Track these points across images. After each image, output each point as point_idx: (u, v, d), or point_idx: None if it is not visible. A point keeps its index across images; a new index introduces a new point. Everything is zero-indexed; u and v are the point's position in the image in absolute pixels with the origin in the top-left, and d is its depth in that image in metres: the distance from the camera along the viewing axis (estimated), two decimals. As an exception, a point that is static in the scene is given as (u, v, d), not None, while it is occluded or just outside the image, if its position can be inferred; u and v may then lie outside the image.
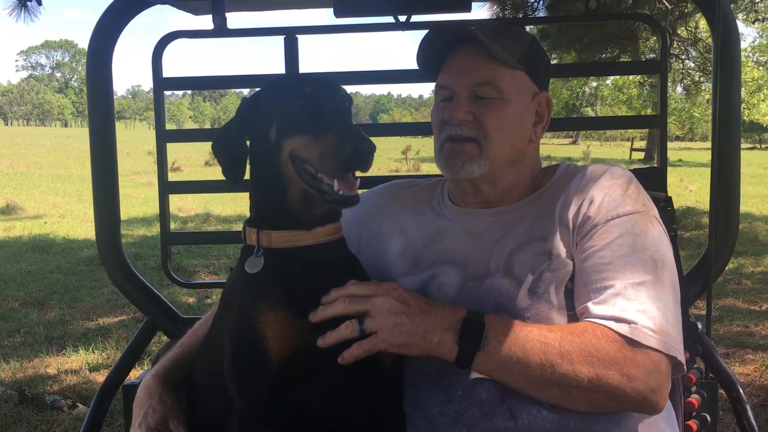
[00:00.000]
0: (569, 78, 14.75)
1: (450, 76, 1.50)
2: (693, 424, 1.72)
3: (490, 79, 1.44)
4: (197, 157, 25.72)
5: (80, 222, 11.27)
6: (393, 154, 29.23)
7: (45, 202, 13.89)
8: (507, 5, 5.55)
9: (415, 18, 2.20)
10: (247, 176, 1.37)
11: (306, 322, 1.27)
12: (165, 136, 2.22)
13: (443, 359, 1.29)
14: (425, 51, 1.53)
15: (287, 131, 1.26)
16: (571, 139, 59.46)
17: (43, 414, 3.87)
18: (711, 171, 2.00)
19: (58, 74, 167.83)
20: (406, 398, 1.44)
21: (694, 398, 1.74)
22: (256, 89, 1.39)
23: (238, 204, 12.98)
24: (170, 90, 2.29)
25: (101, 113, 2.14)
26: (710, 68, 2.05)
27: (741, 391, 1.71)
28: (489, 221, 1.50)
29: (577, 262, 1.37)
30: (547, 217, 1.43)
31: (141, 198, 14.50)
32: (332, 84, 1.32)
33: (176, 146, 3.01)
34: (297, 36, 2.18)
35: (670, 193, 1.92)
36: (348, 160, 1.16)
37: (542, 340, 1.26)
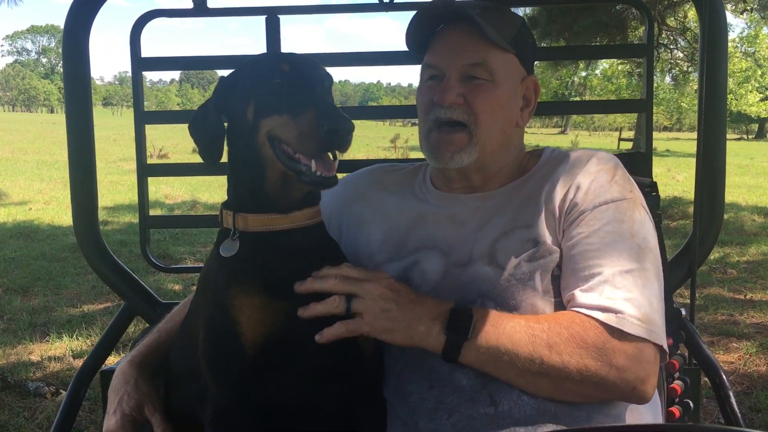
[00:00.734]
0: (559, 67, 14.73)
1: (440, 56, 1.45)
2: (676, 411, 1.72)
3: (484, 61, 1.40)
4: (184, 144, 25.44)
5: (65, 208, 11.13)
6: (381, 143, 29.15)
7: (30, 189, 13.73)
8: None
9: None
10: (225, 159, 1.34)
11: (282, 307, 1.24)
12: (144, 118, 2.17)
13: (428, 349, 1.27)
14: (415, 27, 1.47)
15: (264, 111, 1.22)
16: (560, 129, 59.68)
17: (26, 401, 3.84)
18: (696, 157, 1.99)
19: (44, 60, 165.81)
20: (387, 385, 1.42)
21: (677, 384, 1.73)
22: None
23: (226, 191, 12.87)
24: (149, 70, 2.24)
25: (78, 96, 2.08)
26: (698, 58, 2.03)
27: (724, 377, 1.71)
28: (473, 207, 1.47)
29: (565, 249, 1.36)
30: (533, 204, 1.40)
31: (128, 185, 14.34)
32: (312, 62, 1.28)
33: (163, 133, 2.97)
34: (279, 16, 2.14)
35: (658, 183, 1.90)
36: (325, 140, 1.13)
37: (530, 332, 1.25)
